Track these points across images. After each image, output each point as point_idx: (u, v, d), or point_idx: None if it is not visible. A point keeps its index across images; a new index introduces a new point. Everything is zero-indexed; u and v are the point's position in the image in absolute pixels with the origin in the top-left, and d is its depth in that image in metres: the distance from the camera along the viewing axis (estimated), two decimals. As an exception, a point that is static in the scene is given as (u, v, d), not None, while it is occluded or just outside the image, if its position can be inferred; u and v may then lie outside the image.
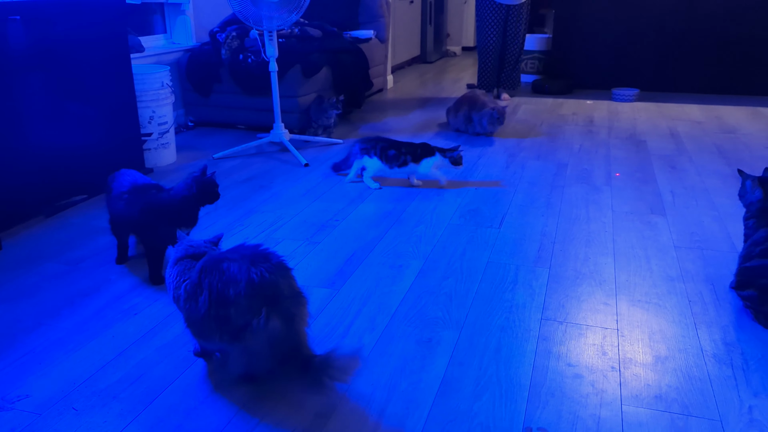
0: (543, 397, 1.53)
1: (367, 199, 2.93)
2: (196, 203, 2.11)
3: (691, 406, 1.49)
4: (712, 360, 1.67)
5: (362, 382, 1.59)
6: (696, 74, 5.58)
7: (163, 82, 3.43)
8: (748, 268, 1.88)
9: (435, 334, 1.81)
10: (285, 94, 4.07)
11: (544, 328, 1.83)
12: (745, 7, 5.28)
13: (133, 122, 3.23)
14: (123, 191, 2.15)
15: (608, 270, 2.20)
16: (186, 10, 4.41)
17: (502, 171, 3.34)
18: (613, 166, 3.41)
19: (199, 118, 4.45)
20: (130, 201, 2.12)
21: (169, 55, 4.28)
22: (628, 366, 1.65)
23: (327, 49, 4.34)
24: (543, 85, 5.66)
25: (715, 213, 2.72)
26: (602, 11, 5.66)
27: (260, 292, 1.42)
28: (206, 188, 2.10)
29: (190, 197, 2.09)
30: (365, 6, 5.28)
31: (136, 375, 1.63)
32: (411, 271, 2.20)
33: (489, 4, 4.99)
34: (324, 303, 1.99)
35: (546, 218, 2.67)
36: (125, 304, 2.00)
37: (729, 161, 3.49)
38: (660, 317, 1.89)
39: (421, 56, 7.78)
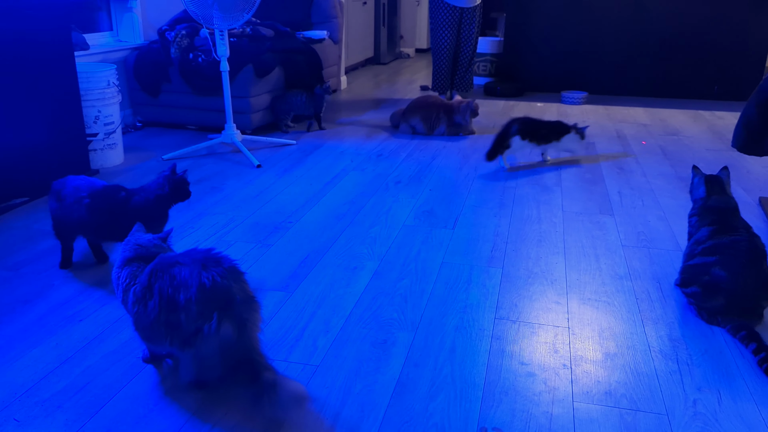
0: (497, 395, 1.54)
1: (321, 200, 2.91)
2: (168, 202, 2.11)
3: (640, 401, 1.53)
4: (659, 356, 1.71)
5: (317, 386, 1.57)
6: (641, 78, 5.75)
7: (109, 81, 3.33)
8: (692, 266, 1.94)
9: (390, 335, 1.81)
10: (237, 95, 4.01)
11: (498, 328, 1.85)
12: (687, 15, 5.47)
13: (77, 122, 3.13)
14: (82, 195, 2.07)
15: (559, 269, 2.24)
16: (133, 8, 4.30)
17: (456, 172, 3.37)
18: (564, 167, 3.48)
19: (148, 119, 4.34)
20: (94, 205, 2.06)
21: (116, 53, 4.16)
22: (579, 363, 1.68)
23: (280, 49, 4.29)
24: (495, 88, 5.74)
25: (660, 213, 2.80)
26: (552, 16, 5.78)
27: (212, 297, 1.39)
28: (178, 187, 2.11)
29: (164, 196, 2.09)
30: (318, 6, 5.25)
31: (82, 383, 1.58)
32: (366, 273, 2.19)
33: (442, 6, 5.03)
34: (278, 306, 1.96)
35: (499, 219, 2.71)
36: (69, 310, 1.93)
37: (673, 162, 3.61)
38: (609, 315, 1.93)
39: (375, 57, 7.79)
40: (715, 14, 5.41)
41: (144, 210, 2.08)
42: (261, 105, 4.12)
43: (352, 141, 4.00)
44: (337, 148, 3.84)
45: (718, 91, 5.62)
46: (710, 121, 4.76)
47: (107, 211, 2.06)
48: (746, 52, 5.46)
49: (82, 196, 2.08)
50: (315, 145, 3.91)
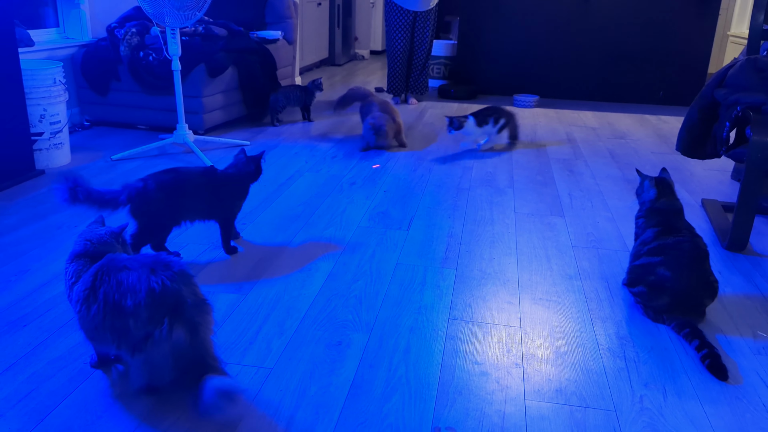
0: (451, 395, 1.56)
1: (275, 201, 2.89)
2: (252, 180, 2.33)
3: (589, 398, 1.56)
4: (608, 353, 1.76)
5: (270, 389, 1.56)
6: (591, 82, 5.90)
7: (55, 79, 3.23)
8: (638, 266, 2.00)
9: (345, 337, 1.81)
10: (188, 94, 3.94)
11: (452, 328, 1.87)
12: (634, 21, 5.64)
13: (21, 121, 3.02)
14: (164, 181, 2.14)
15: (512, 270, 2.28)
16: (81, 4, 4.18)
17: (410, 173, 3.39)
18: (516, 169, 3.54)
19: (96, 118, 4.23)
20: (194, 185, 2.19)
21: (63, 50, 4.04)
22: (531, 362, 1.71)
23: (233, 49, 4.24)
24: (449, 90, 5.79)
25: (608, 214, 2.87)
26: (504, 20, 5.87)
27: (162, 302, 1.36)
28: (258, 166, 2.33)
29: (252, 173, 2.32)
30: (272, 6, 5.21)
31: (26, 390, 1.52)
32: (321, 274, 2.19)
33: (396, 9, 5.05)
34: (231, 309, 1.94)
35: (453, 220, 2.73)
36: (13, 315, 1.86)
37: (620, 165, 3.71)
38: (560, 314, 1.97)
39: (330, 59, 7.77)
40: (661, 21, 5.60)
41: (238, 184, 2.30)
42: (214, 105, 4.07)
43: (306, 142, 3.98)
44: (292, 149, 3.81)
45: (663, 96, 5.81)
46: (656, 125, 4.92)
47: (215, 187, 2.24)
48: (690, 58, 5.66)
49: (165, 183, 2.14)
50: (269, 146, 3.87)
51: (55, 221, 2.58)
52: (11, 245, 2.34)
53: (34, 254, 2.27)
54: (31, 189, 2.96)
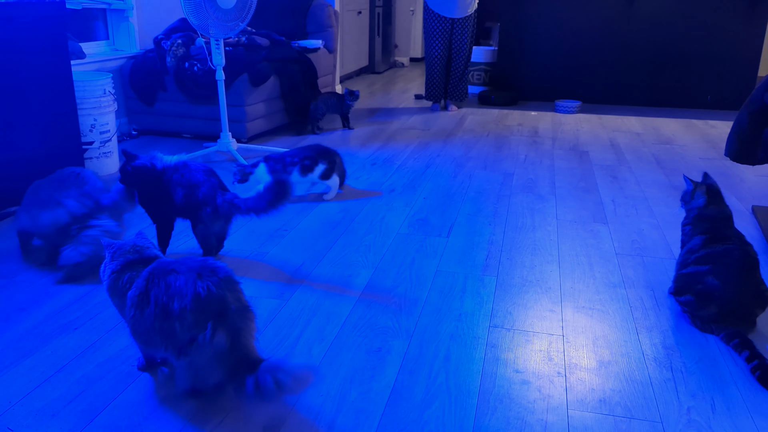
0: (492, 403, 1.55)
1: (315, 208, 2.92)
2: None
3: (634, 408, 1.53)
4: (653, 363, 1.72)
5: (311, 394, 1.57)
6: (634, 87, 5.79)
7: (105, 90, 3.34)
8: (685, 274, 1.95)
9: (385, 343, 1.81)
10: (232, 103, 4.02)
11: (492, 336, 1.86)
12: (681, 24, 5.52)
13: (73, 130, 3.13)
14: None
15: (553, 277, 2.25)
16: (130, 17, 4.32)
17: (450, 180, 3.38)
18: (558, 176, 3.50)
19: (143, 127, 4.35)
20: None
21: (112, 62, 4.17)
22: (574, 371, 1.69)
23: (275, 59, 4.31)
24: (489, 96, 5.77)
25: (654, 221, 2.82)
26: (546, 25, 5.82)
27: (206, 307, 1.40)
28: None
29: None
30: (313, 16, 5.27)
31: (77, 391, 1.57)
32: (360, 281, 2.20)
33: (435, 16, 5.06)
34: (273, 314, 1.97)
35: (493, 227, 2.72)
36: (65, 318, 1.93)
37: (666, 171, 3.63)
38: (603, 323, 1.94)
39: (370, 66, 7.82)
40: (709, 23, 5.46)
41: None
42: (256, 114, 4.14)
43: (346, 149, 4.02)
44: (333, 156, 3.84)
45: (711, 100, 5.66)
46: (703, 129, 4.80)
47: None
48: (739, 61, 5.51)
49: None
50: (310, 153, 3.91)
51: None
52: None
53: (85, 259, 2.34)
54: (82, 196, 3.05)
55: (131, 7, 4.29)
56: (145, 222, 2.73)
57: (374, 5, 7.44)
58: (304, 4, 5.26)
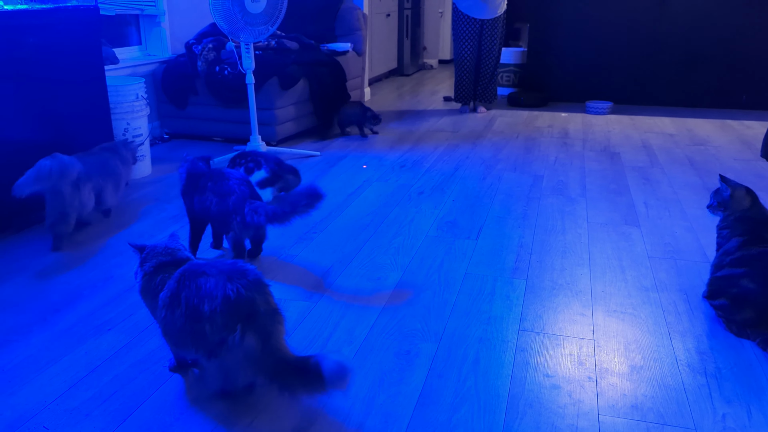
0: (521, 408, 1.53)
1: (345, 211, 2.93)
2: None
3: (667, 415, 1.50)
4: (687, 369, 1.69)
5: (340, 396, 1.58)
6: (667, 87, 5.69)
7: (137, 94, 3.40)
8: (720, 277, 1.91)
9: (413, 346, 1.81)
10: (262, 107, 4.06)
11: (522, 339, 1.84)
12: (714, 23, 5.41)
13: (107, 134, 3.19)
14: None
15: (584, 280, 2.22)
16: (161, 22, 4.39)
17: (479, 182, 3.36)
18: (589, 178, 3.46)
19: (175, 131, 4.41)
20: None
21: (144, 66, 4.24)
22: (605, 376, 1.66)
23: (304, 62, 4.34)
24: (519, 98, 5.72)
25: (687, 224, 2.76)
26: (576, 25, 5.76)
27: (236, 309, 1.41)
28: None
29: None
30: (342, 19, 5.30)
31: (110, 392, 1.60)
32: (389, 283, 2.20)
33: (464, 18, 5.04)
34: (302, 316, 1.98)
35: (522, 229, 2.69)
36: (98, 319, 1.96)
37: (700, 173, 3.56)
38: (635, 327, 1.91)
39: (398, 69, 7.83)
40: (743, 22, 5.35)
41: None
42: (286, 117, 4.17)
43: (375, 152, 4.02)
44: (361, 159, 3.86)
45: (746, 101, 5.54)
46: (738, 130, 4.69)
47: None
48: (775, 60, 5.38)
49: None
50: (339, 156, 3.93)
51: (137, 230, 2.70)
52: (96, 253, 2.47)
53: (117, 261, 2.39)
54: (115, 199, 3.11)
55: (163, 13, 4.36)
56: (178, 224, 2.77)
57: (403, 7, 7.45)
58: (333, 8, 5.29)
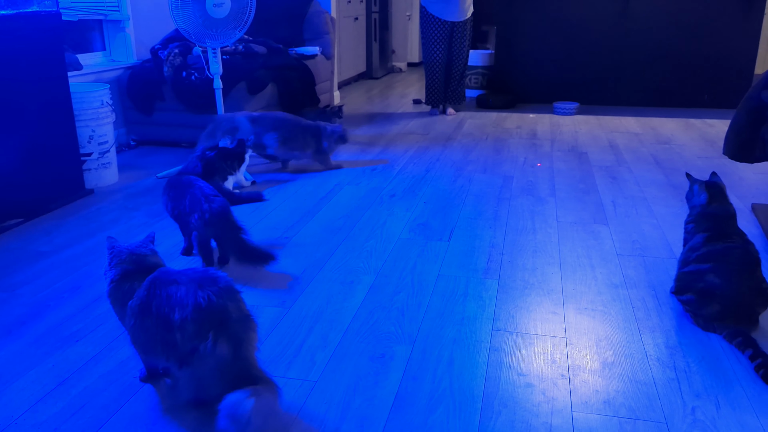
0: (496, 407, 1.54)
1: (316, 215, 2.92)
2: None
3: (638, 409, 1.53)
4: (657, 364, 1.72)
5: (315, 401, 1.57)
6: (632, 88, 5.80)
7: (102, 101, 3.34)
8: (686, 273, 1.95)
9: (388, 349, 1.81)
10: (230, 111, 4.02)
11: (495, 339, 1.85)
12: (676, 24, 5.53)
13: (71, 142, 3.13)
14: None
15: (555, 279, 2.24)
16: (126, 27, 4.32)
17: (450, 184, 3.38)
18: (557, 178, 3.50)
19: (142, 137, 4.35)
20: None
21: (109, 72, 4.18)
22: (577, 373, 1.68)
23: (272, 66, 4.32)
24: (487, 100, 5.77)
25: (654, 221, 2.81)
26: (542, 28, 5.83)
27: (207, 317, 1.39)
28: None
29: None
30: (310, 23, 5.29)
31: (79, 404, 1.57)
32: (363, 287, 2.19)
33: (433, 20, 5.07)
34: (275, 322, 1.96)
35: (494, 230, 2.72)
36: (66, 330, 1.92)
37: (665, 171, 3.63)
38: (606, 324, 1.93)
39: (368, 72, 7.83)
40: (704, 23, 5.47)
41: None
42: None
43: (346, 155, 4.02)
44: (332, 162, 3.84)
45: (708, 99, 5.67)
46: (701, 129, 4.80)
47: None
48: (735, 59, 5.52)
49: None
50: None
51: (104, 239, 2.65)
52: (64, 263, 2.42)
53: (85, 271, 2.34)
54: (82, 208, 3.05)
55: (127, 18, 4.30)
56: (146, 232, 2.73)
57: (371, 11, 7.46)
58: (301, 12, 5.27)
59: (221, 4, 3.25)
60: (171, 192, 2.36)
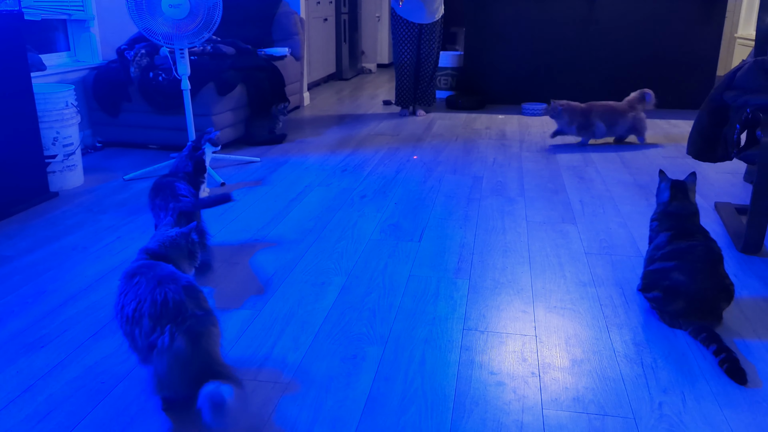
0: (468, 406, 1.55)
1: (287, 216, 2.90)
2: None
3: (607, 405, 1.55)
4: (624, 360, 1.75)
5: (287, 403, 1.56)
6: (598, 88, 5.89)
7: (67, 102, 3.27)
8: (652, 271, 1.99)
9: (360, 350, 1.81)
10: (199, 113, 3.98)
11: (467, 339, 1.86)
12: (640, 26, 5.64)
13: (35, 144, 3.06)
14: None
15: (525, 278, 2.27)
16: (91, 27, 4.25)
17: (420, 185, 3.39)
18: (526, 178, 3.54)
19: (108, 139, 4.28)
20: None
21: (74, 73, 4.10)
22: (547, 371, 1.70)
23: (241, 67, 4.28)
24: (457, 101, 5.81)
25: (620, 220, 2.86)
26: (511, 29, 5.89)
27: (163, 312, 1.40)
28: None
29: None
30: (279, 24, 5.26)
31: (45, 411, 1.54)
32: (334, 288, 2.19)
33: (403, 22, 5.09)
34: (246, 325, 1.95)
35: (464, 230, 2.73)
36: (31, 336, 1.88)
37: (631, 171, 3.70)
38: (575, 322, 1.96)
39: (337, 73, 7.82)
40: (667, 25, 5.59)
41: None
42: (224, 123, 4.10)
43: (316, 157, 4.01)
44: (302, 164, 3.83)
45: (671, 100, 5.79)
46: (666, 129, 4.90)
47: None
48: (697, 61, 5.64)
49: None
50: (279, 162, 3.90)
51: (69, 243, 2.60)
52: (27, 267, 2.36)
53: (50, 275, 2.29)
54: (46, 211, 2.99)
55: (92, 18, 4.23)
56: (114, 235, 2.68)
57: (340, 12, 7.45)
58: (270, 13, 5.24)
59: (178, 5, 3.20)
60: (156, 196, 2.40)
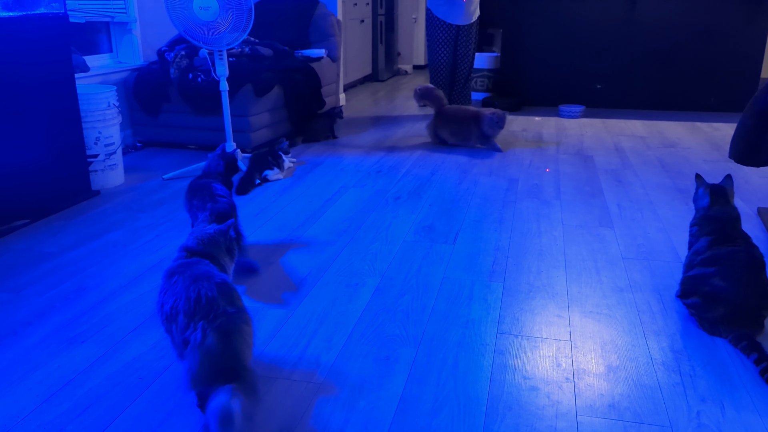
0: (500, 410, 1.54)
1: (322, 217, 2.92)
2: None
3: (643, 413, 1.52)
4: (662, 368, 1.71)
5: (320, 403, 1.57)
6: (638, 91, 5.79)
7: (109, 102, 3.35)
8: (691, 276, 1.94)
9: (393, 351, 1.81)
10: (236, 114, 4.03)
11: (500, 342, 1.85)
12: (683, 27, 5.52)
13: (78, 144, 3.15)
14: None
15: (560, 282, 2.24)
16: (132, 29, 4.34)
17: (455, 187, 3.38)
18: (563, 181, 3.50)
19: (148, 139, 4.37)
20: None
21: (116, 74, 4.19)
22: (582, 377, 1.68)
23: (278, 68, 4.33)
24: (493, 103, 5.77)
25: (659, 224, 2.81)
26: (548, 31, 5.83)
27: (197, 309, 1.43)
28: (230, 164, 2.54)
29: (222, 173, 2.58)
30: (316, 25, 5.30)
31: (85, 405, 1.57)
32: (367, 289, 2.20)
33: (439, 23, 5.08)
34: (280, 323, 1.97)
35: (499, 233, 2.71)
36: (72, 331, 1.93)
37: (671, 174, 3.62)
38: (611, 327, 1.93)
39: (373, 75, 7.84)
40: (711, 26, 5.46)
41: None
42: (261, 123, 4.15)
43: (351, 158, 4.02)
44: (337, 165, 3.85)
45: (714, 103, 5.65)
46: (707, 132, 4.79)
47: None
48: (741, 63, 5.50)
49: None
50: (315, 162, 3.92)
51: (110, 240, 2.67)
52: (69, 264, 2.43)
53: (91, 272, 2.35)
54: (88, 209, 3.07)
55: (134, 20, 4.32)
56: (153, 233, 2.74)
57: (376, 14, 7.47)
58: (307, 14, 5.28)
59: (207, 8, 3.25)
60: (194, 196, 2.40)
